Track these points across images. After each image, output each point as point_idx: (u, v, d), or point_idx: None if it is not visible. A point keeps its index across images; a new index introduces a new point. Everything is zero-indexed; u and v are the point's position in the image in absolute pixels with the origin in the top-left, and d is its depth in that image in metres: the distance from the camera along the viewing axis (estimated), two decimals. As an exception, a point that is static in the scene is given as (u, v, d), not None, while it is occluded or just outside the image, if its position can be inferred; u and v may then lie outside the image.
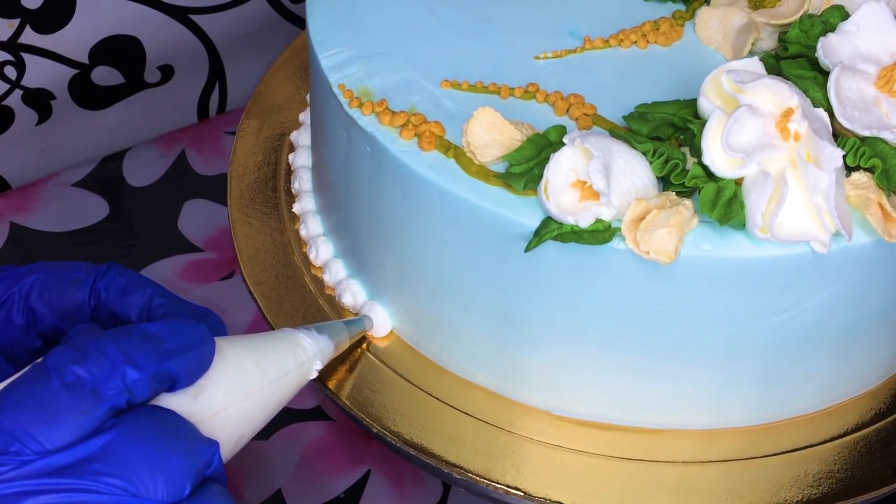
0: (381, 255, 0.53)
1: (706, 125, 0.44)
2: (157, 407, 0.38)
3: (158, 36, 0.78)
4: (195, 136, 0.81)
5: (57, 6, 0.73)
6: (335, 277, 0.57)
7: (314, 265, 0.58)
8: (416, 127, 0.48)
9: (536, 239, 0.44)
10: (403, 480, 0.61)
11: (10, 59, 0.73)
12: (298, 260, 0.58)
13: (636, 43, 0.53)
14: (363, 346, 0.54)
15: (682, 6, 0.54)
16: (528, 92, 0.50)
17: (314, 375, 0.46)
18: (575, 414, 0.51)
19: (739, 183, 0.44)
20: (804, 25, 0.48)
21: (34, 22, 0.73)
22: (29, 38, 0.73)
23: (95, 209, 0.75)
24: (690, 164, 0.45)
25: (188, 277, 0.71)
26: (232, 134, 0.71)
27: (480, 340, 0.51)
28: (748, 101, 0.44)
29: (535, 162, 0.45)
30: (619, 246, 0.44)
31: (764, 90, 0.44)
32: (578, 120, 0.48)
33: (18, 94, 0.75)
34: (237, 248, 0.59)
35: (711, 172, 0.44)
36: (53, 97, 0.77)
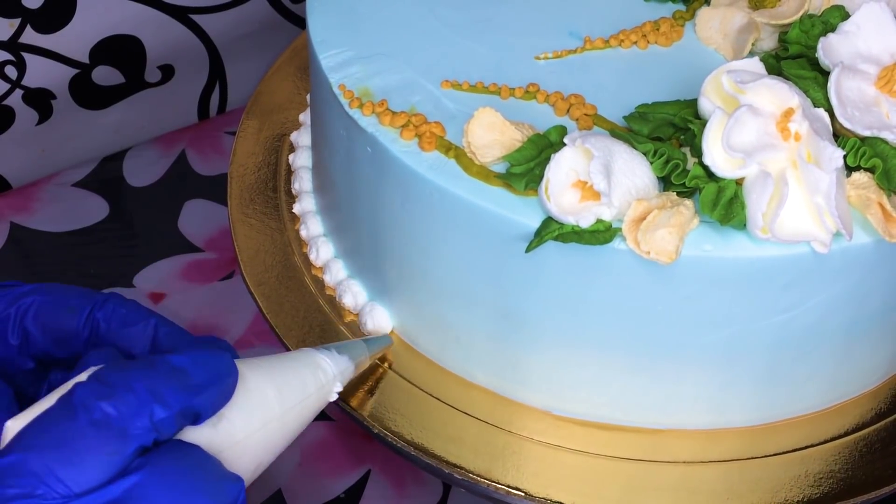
0: (381, 255, 0.53)
1: (707, 125, 0.44)
2: (182, 443, 0.37)
3: (159, 36, 0.78)
4: (195, 136, 0.81)
5: (57, 6, 0.73)
6: (335, 278, 0.57)
7: (314, 265, 0.58)
8: (416, 127, 0.48)
9: (537, 239, 0.44)
10: (403, 480, 0.61)
11: (10, 58, 0.73)
12: (299, 260, 0.58)
13: (636, 43, 0.53)
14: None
15: (682, 6, 0.54)
16: (528, 92, 0.50)
17: (334, 398, 0.45)
18: (575, 414, 0.51)
19: (740, 183, 0.44)
20: (804, 25, 0.48)
21: (35, 22, 0.73)
22: (29, 37, 0.73)
23: (95, 209, 0.75)
24: (691, 164, 0.45)
25: (188, 277, 0.71)
26: (232, 134, 0.71)
27: (481, 340, 0.51)
28: (749, 101, 0.44)
29: (535, 162, 0.45)
30: (619, 246, 0.44)
31: (764, 90, 0.44)
32: (579, 120, 0.48)
33: (19, 93, 0.75)
34: (237, 248, 0.59)
35: (712, 173, 0.44)
36: (54, 97, 0.77)
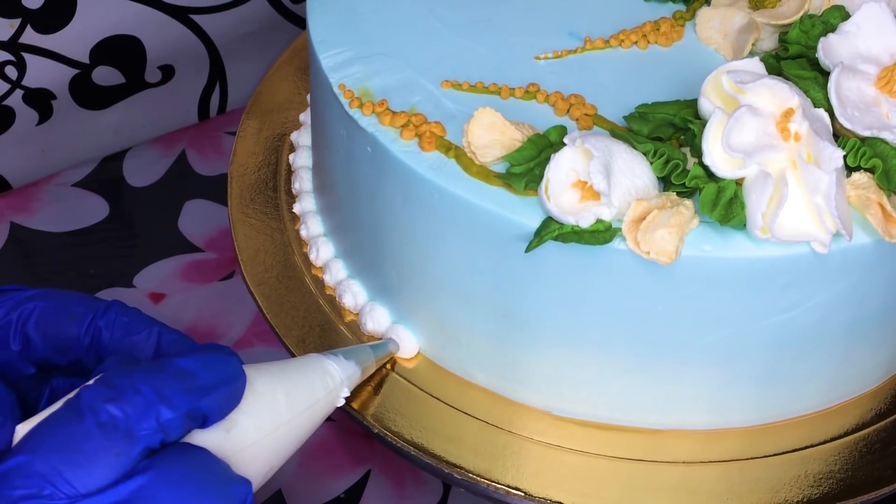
0: (381, 255, 0.53)
1: (707, 125, 0.44)
2: (189, 445, 0.37)
3: (159, 36, 0.78)
4: (195, 136, 0.81)
5: (58, 6, 0.73)
6: (335, 278, 0.57)
7: (314, 265, 0.58)
8: (416, 127, 0.48)
9: (537, 239, 0.44)
10: (403, 480, 0.61)
11: (10, 58, 0.73)
12: (299, 260, 0.58)
13: (637, 43, 0.53)
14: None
15: (682, 6, 0.54)
16: (528, 92, 0.50)
17: (341, 403, 0.46)
18: (575, 414, 0.51)
19: (740, 183, 0.44)
20: (804, 26, 0.48)
21: (35, 22, 0.73)
22: (30, 37, 0.73)
23: (95, 209, 0.75)
24: (691, 164, 0.45)
25: (188, 277, 0.71)
26: (232, 134, 0.71)
27: (481, 340, 0.51)
28: (748, 101, 0.44)
29: (535, 162, 0.45)
30: (619, 246, 0.44)
31: (764, 90, 0.44)
32: (579, 120, 0.48)
33: (19, 93, 0.75)
34: (237, 248, 0.59)
35: (712, 173, 0.44)
36: (54, 97, 0.77)
